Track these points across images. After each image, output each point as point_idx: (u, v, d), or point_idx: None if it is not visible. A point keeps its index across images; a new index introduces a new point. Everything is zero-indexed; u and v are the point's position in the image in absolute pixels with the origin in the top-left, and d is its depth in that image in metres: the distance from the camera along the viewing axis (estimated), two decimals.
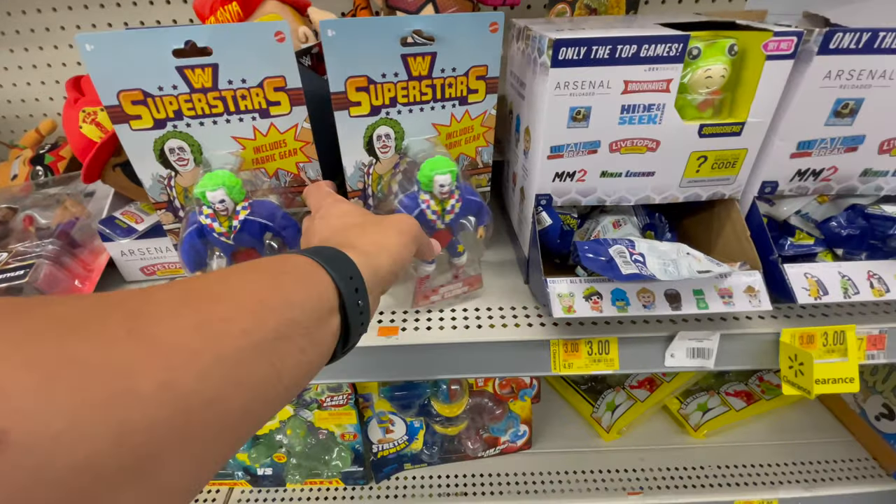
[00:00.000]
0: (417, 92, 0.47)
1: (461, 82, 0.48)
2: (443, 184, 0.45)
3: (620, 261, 0.45)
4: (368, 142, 0.48)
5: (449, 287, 0.54)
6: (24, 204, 0.68)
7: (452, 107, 0.49)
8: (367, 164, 0.50)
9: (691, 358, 0.51)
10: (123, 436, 0.17)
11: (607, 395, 0.85)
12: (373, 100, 0.46)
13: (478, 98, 0.50)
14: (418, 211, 0.46)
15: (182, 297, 0.23)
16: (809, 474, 0.75)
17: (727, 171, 0.50)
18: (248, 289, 0.25)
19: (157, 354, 0.19)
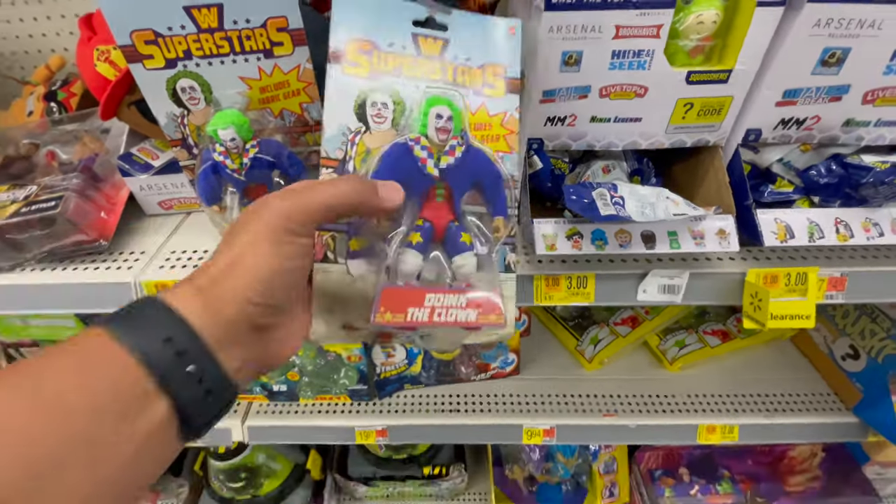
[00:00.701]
0: (428, 71, 0.40)
1: (476, 74, 0.42)
2: (440, 114, 0.38)
3: (601, 203, 0.49)
4: (360, 106, 0.40)
5: (443, 296, 0.36)
6: (44, 140, 0.72)
7: (466, 96, 0.41)
8: (355, 131, 0.41)
9: (662, 293, 0.56)
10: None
11: (592, 330, 0.92)
12: (374, 64, 0.40)
13: (496, 94, 0.41)
14: (401, 147, 0.38)
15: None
16: (772, 405, 0.82)
17: (712, 118, 0.52)
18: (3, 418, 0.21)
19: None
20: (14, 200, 0.57)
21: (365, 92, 0.40)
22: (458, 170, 0.39)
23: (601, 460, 1.06)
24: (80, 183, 0.59)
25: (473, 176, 0.39)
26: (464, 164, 0.39)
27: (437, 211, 0.39)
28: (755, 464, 1.03)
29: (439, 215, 0.39)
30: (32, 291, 0.59)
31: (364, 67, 0.40)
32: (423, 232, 0.38)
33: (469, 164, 0.39)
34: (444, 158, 0.38)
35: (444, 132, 0.38)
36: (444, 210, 0.39)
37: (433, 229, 0.39)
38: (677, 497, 0.98)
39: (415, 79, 0.41)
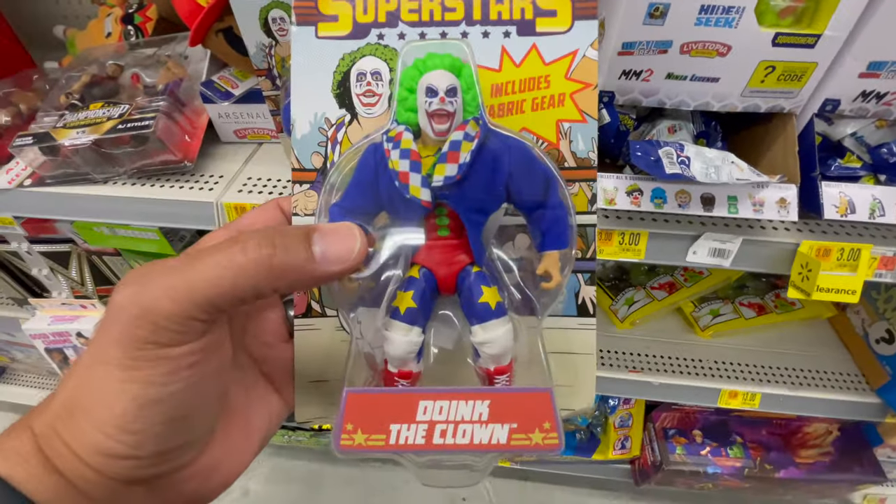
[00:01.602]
0: (438, 5, 0.27)
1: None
2: (434, 87, 0.23)
3: (667, 161, 0.50)
4: (342, 81, 0.27)
5: (450, 404, 0.23)
6: (127, 62, 0.76)
7: (505, 36, 0.27)
8: (336, 123, 0.28)
9: (711, 256, 0.57)
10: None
11: (628, 291, 0.94)
12: (358, 14, 0.27)
13: (557, 25, 0.27)
14: (373, 151, 0.25)
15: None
16: (798, 378, 0.85)
17: (792, 83, 0.52)
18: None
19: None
20: (110, 118, 0.62)
21: (348, 58, 0.27)
22: (468, 183, 0.24)
23: (618, 415, 1.12)
24: (167, 105, 0.63)
25: (499, 186, 0.24)
26: (479, 170, 0.24)
27: (441, 253, 0.25)
28: (769, 434, 1.06)
29: (445, 259, 0.25)
30: (123, 203, 0.64)
31: (345, 21, 0.27)
32: (418, 291, 0.24)
33: (489, 168, 0.24)
34: (438, 169, 0.23)
35: (443, 118, 0.23)
36: (452, 251, 0.25)
37: (435, 282, 0.25)
38: (688, 455, 1.03)
39: (419, 24, 0.27)
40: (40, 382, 1.41)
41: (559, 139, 0.27)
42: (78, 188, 0.65)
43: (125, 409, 0.20)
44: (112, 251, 0.82)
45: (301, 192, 0.28)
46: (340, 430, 0.23)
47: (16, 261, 0.87)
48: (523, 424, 0.23)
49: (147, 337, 0.20)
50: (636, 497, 1.25)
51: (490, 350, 0.24)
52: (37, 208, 0.67)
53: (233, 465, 0.26)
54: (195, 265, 0.20)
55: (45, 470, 0.20)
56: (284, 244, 0.21)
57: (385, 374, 0.25)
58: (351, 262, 0.22)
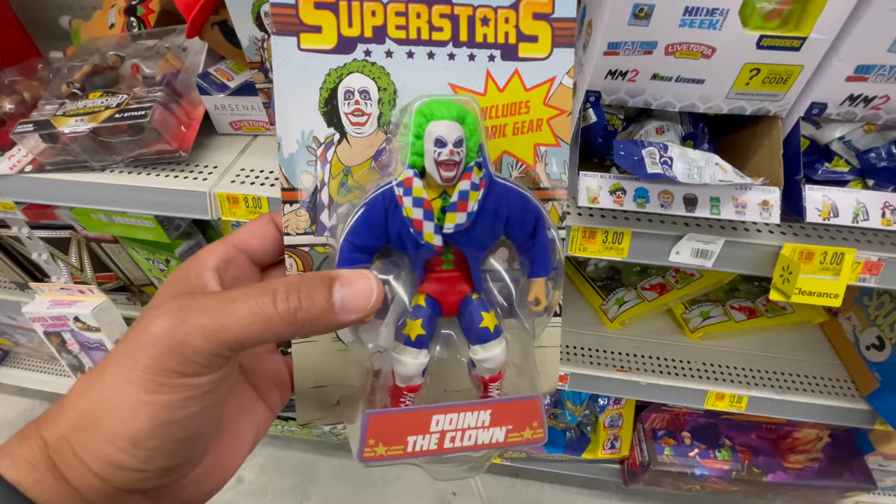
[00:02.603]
0: (425, 23, 0.27)
1: (506, 18, 0.27)
2: (443, 138, 0.24)
3: (649, 160, 0.50)
4: (329, 99, 0.27)
5: (458, 416, 0.27)
6: (128, 53, 0.77)
7: (490, 60, 0.28)
8: (325, 142, 0.28)
9: (694, 257, 0.58)
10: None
11: (619, 291, 0.95)
12: (343, 27, 0.27)
13: (537, 51, 0.28)
14: (384, 198, 0.26)
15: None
16: (786, 383, 0.85)
17: (778, 86, 0.52)
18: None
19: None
20: (108, 107, 0.63)
21: (335, 74, 0.27)
22: (473, 226, 0.26)
23: (607, 414, 1.12)
24: (164, 96, 0.65)
25: (498, 227, 0.27)
26: (483, 215, 0.26)
27: (444, 284, 0.28)
28: (759, 438, 1.06)
29: (448, 289, 0.28)
30: (119, 191, 0.66)
31: (329, 33, 0.26)
32: (426, 318, 0.27)
33: (490, 214, 0.27)
34: (449, 217, 0.26)
35: (451, 167, 0.25)
36: (455, 282, 0.28)
37: (440, 309, 0.28)
38: (676, 456, 1.04)
39: (406, 42, 0.27)
40: (42, 367, 1.44)
41: (536, 162, 0.29)
42: (76, 175, 0.66)
43: (141, 428, 0.21)
44: (110, 238, 0.84)
45: (291, 211, 0.28)
46: (363, 445, 0.26)
47: (17, 245, 0.89)
48: (517, 425, 0.27)
49: (175, 367, 0.21)
50: (625, 497, 1.26)
51: (488, 365, 0.28)
52: (37, 194, 0.69)
53: (223, 472, 0.27)
54: (229, 308, 0.22)
55: (52, 477, 0.21)
56: (308, 295, 0.23)
57: (394, 389, 0.28)
58: (367, 312, 0.24)
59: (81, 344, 0.86)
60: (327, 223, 0.28)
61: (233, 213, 0.64)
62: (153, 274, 0.88)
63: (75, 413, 0.22)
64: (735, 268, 0.58)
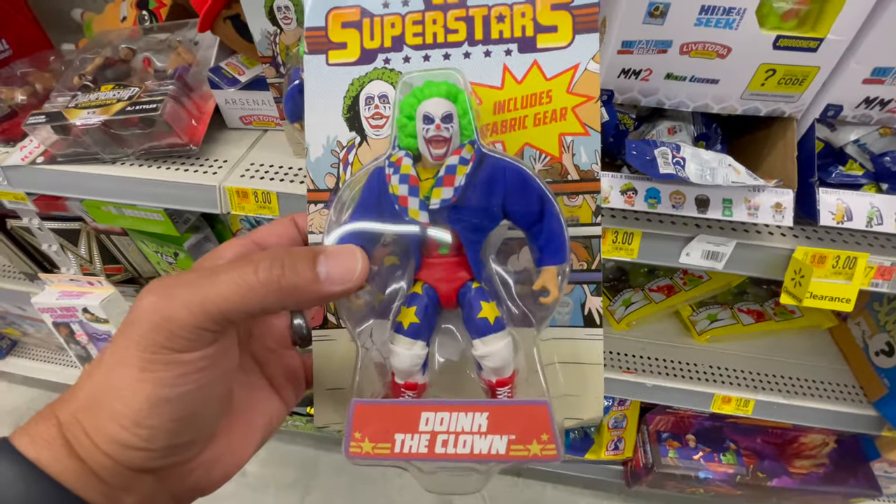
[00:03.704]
0: (441, 28, 0.28)
1: (522, 13, 0.28)
2: (430, 114, 0.25)
3: (661, 160, 0.50)
4: (352, 105, 0.29)
5: (451, 416, 0.25)
6: (139, 46, 0.78)
7: (507, 54, 0.28)
8: (347, 145, 0.30)
9: (704, 259, 0.57)
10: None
11: (626, 293, 0.94)
12: (365, 40, 0.29)
13: (557, 41, 0.28)
14: (377, 175, 0.27)
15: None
16: (794, 387, 0.84)
17: (794, 88, 0.51)
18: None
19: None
20: (119, 99, 0.63)
21: (357, 83, 0.29)
22: (465, 204, 0.25)
23: (612, 416, 1.12)
24: (175, 90, 0.65)
25: (494, 206, 0.26)
26: (474, 192, 0.25)
27: (441, 270, 0.26)
28: (764, 443, 1.06)
29: (446, 276, 0.26)
30: (129, 184, 0.66)
31: (353, 48, 0.29)
32: (421, 306, 0.26)
33: (484, 190, 0.25)
34: (435, 192, 0.25)
35: (440, 143, 0.25)
36: (453, 268, 0.26)
37: (437, 297, 0.26)
38: (680, 459, 1.03)
39: (423, 47, 0.28)
40: (50, 357, 1.45)
41: (562, 153, 0.28)
42: (87, 167, 0.67)
43: (140, 406, 0.22)
44: (119, 231, 0.84)
45: (316, 210, 0.30)
46: (349, 439, 0.25)
47: (28, 236, 0.90)
48: (521, 436, 0.24)
49: (163, 342, 0.22)
50: (627, 498, 1.26)
51: (490, 363, 0.26)
52: (48, 185, 0.69)
53: (233, 460, 0.27)
54: (211, 280, 0.22)
55: (67, 455, 0.22)
56: (292, 265, 0.23)
57: (392, 386, 0.27)
58: (353, 283, 0.24)
59: (90, 335, 0.87)
60: None
61: (242, 207, 0.64)
62: (161, 267, 0.88)
63: (84, 393, 0.23)
64: (746, 270, 0.57)
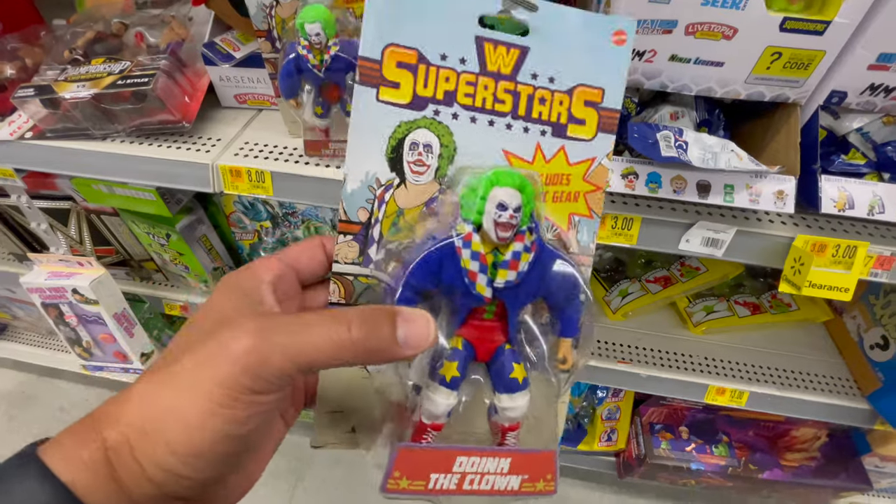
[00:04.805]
0: (490, 94, 0.30)
1: (560, 101, 0.31)
2: (505, 203, 0.27)
3: (664, 144, 0.49)
4: (396, 147, 0.30)
5: (480, 460, 0.29)
6: (132, 21, 0.76)
7: (541, 134, 0.31)
8: (384, 185, 0.31)
9: (704, 246, 0.57)
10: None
11: (622, 283, 0.94)
12: (419, 87, 0.30)
13: (584, 133, 0.31)
14: (445, 250, 0.29)
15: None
16: (788, 380, 0.84)
17: (798, 72, 0.50)
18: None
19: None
20: (110, 73, 0.62)
21: (405, 126, 0.30)
22: (521, 285, 0.29)
23: (605, 407, 1.12)
24: (168, 64, 0.63)
25: (541, 289, 0.30)
26: (531, 276, 0.29)
27: (482, 332, 0.30)
28: (756, 435, 1.06)
29: (485, 337, 0.30)
30: (120, 161, 0.65)
31: (406, 90, 0.30)
32: (461, 361, 0.29)
33: (537, 275, 0.29)
34: (501, 273, 0.28)
35: (507, 228, 0.27)
36: (492, 331, 0.30)
37: (475, 354, 0.30)
38: (672, 450, 1.03)
39: (472, 109, 0.30)
40: (41, 341, 1.43)
41: (569, 228, 0.32)
42: (77, 143, 0.65)
43: (204, 439, 0.22)
44: (111, 211, 0.83)
45: (345, 241, 0.31)
46: (389, 477, 0.27)
47: (17, 216, 0.88)
48: (532, 476, 0.29)
49: (249, 385, 0.22)
50: (619, 490, 1.26)
51: (511, 414, 0.30)
52: (37, 161, 0.68)
53: (247, 484, 0.29)
54: (307, 331, 0.23)
55: (106, 478, 0.21)
56: (377, 328, 0.24)
57: (419, 425, 0.30)
58: (424, 349, 0.26)
59: (79, 317, 0.85)
60: (374, 256, 0.31)
61: (235, 186, 0.63)
62: (153, 249, 0.87)
63: (139, 416, 0.22)
64: (746, 258, 0.57)
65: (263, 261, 0.29)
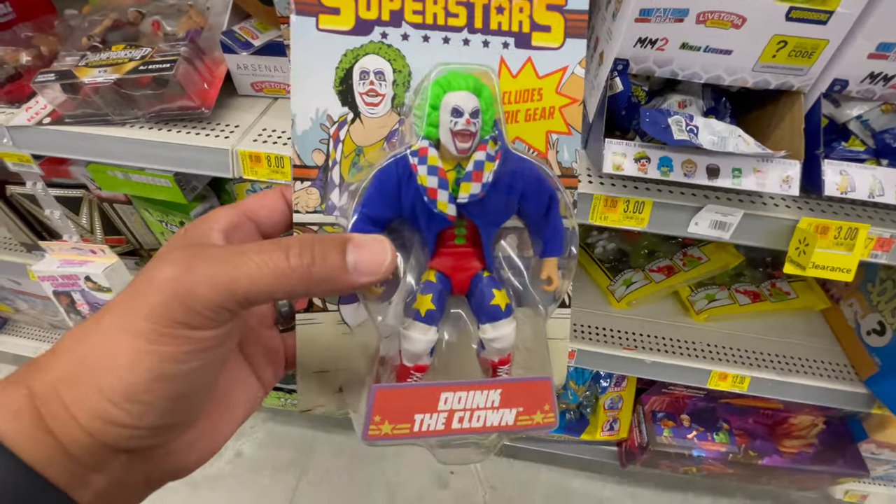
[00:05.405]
0: (441, 9, 0.27)
1: (520, 8, 0.28)
2: (459, 108, 0.24)
3: (675, 128, 0.51)
4: (345, 78, 0.27)
5: (467, 394, 0.26)
6: (148, 10, 0.77)
7: (504, 47, 0.28)
8: (338, 121, 0.28)
9: (712, 228, 0.59)
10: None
11: (626, 273, 0.96)
12: (361, 9, 0.27)
13: (550, 41, 0.28)
14: (397, 166, 0.26)
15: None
16: (788, 365, 0.87)
17: (803, 60, 0.53)
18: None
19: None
20: (132, 59, 0.63)
21: (351, 55, 0.27)
22: (488, 199, 0.26)
23: (608, 396, 1.14)
24: (188, 51, 0.64)
25: (512, 202, 0.27)
26: (497, 187, 0.26)
27: (455, 259, 0.28)
28: (755, 423, 1.09)
29: (460, 265, 0.28)
30: (140, 146, 0.66)
31: (347, 15, 0.27)
32: (436, 294, 0.27)
33: (507, 186, 0.27)
34: (464, 186, 0.26)
35: (466, 137, 0.25)
36: (466, 258, 0.28)
37: (451, 286, 0.28)
38: (674, 437, 1.06)
39: (422, 27, 0.27)
40: (43, 335, 1.43)
41: (548, 149, 0.30)
42: (96, 129, 0.66)
43: (138, 380, 0.20)
44: (123, 199, 0.83)
45: (302, 189, 0.28)
46: (369, 422, 0.25)
47: (27, 204, 0.89)
48: (528, 408, 0.26)
49: (179, 318, 0.21)
50: (621, 480, 1.28)
51: (498, 345, 0.28)
52: (55, 147, 0.68)
53: (210, 444, 0.26)
54: (239, 260, 0.21)
55: (36, 428, 0.20)
56: (322, 254, 0.22)
57: (400, 368, 0.28)
58: (380, 275, 0.23)
59: (91, 304, 0.86)
60: (337, 202, 0.28)
61: (255, 171, 0.64)
62: (165, 237, 0.87)
63: (68, 362, 0.21)
64: (752, 240, 0.59)
65: (218, 209, 0.27)
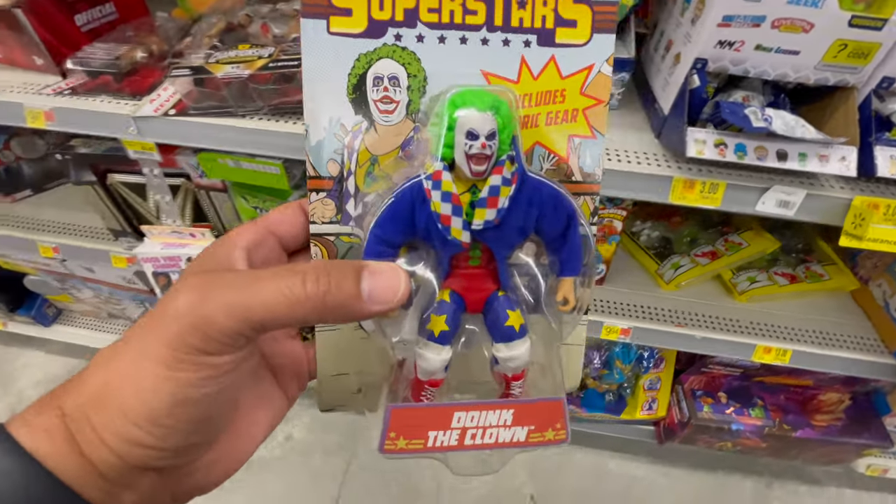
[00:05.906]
0: (459, 6, 0.26)
1: (544, 2, 0.26)
2: (475, 131, 0.24)
3: (753, 117, 0.60)
4: (358, 85, 0.26)
5: (480, 414, 0.27)
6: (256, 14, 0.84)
7: (525, 45, 0.27)
8: (352, 130, 0.27)
9: (777, 207, 0.67)
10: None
11: (673, 258, 1.04)
12: (374, 9, 0.26)
13: (576, 37, 0.27)
14: (412, 191, 0.26)
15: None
16: (824, 339, 0.95)
17: (859, 60, 0.62)
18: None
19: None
20: (260, 56, 0.71)
21: (364, 59, 0.26)
22: (503, 223, 0.26)
23: (647, 377, 1.22)
24: None
25: (528, 225, 0.27)
26: (514, 212, 0.26)
27: (470, 280, 0.27)
28: (787, 399, 1.17)
29: (474, 286, 0.28)
30: (256, 135, 0.73)
31: (359, 16, 0.26)
32: (450, 314, 0.27)
33: (523, 211, 0.26)
34: (479, 213, 0.25)
35: (482, 160, 0.24)
36: (481, 279, 0.28)
37: (465, 305, 0.28)
38: (714, 413, 1.14)
39: (438, 26, 0.26)
40: (99, 325, 1.48)
41: (569, 154, 0.28)
42: (218, 120, 0.73)
43: (160, 405, 0.21)
44: (220, 186, 0.90)
45: (318, 200, 0.28)
46: (384, 438, 0.26)
47: (125, 192, 0.95)
48: (540, 426, 0.27)
49: (197, 345, 0.21)
50: (654, 460, 1.35)
51: (512, 364, 0.28)
52: (177, 136, 0.76)
53: (234, 460, 0.27)
54: (256, 287, 0.22)
55: (69, 449, 0.21)
56: (337, 281, 0.23)
57: (415, 382, 0.29)
58: (394, 304, 0.24)
59: None
60: (353, 213, 0.28)
61: None
62: None
63: (94, 386, 0.22)
64: (812, 217, 0.67)
65: (240, 227, 0.28)
